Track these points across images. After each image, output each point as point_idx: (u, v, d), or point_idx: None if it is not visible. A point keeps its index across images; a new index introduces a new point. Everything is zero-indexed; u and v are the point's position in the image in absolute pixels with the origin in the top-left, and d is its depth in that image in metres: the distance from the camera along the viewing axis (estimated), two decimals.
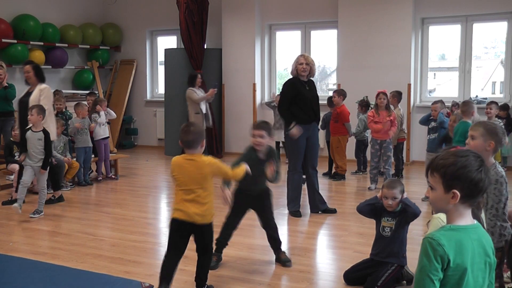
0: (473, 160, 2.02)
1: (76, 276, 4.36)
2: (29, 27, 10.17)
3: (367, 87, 8.97)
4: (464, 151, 2.08)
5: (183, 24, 10.31)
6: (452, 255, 1.95)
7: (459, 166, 2.01)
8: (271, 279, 4.33)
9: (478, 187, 2.02)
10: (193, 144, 3.68)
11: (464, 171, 2.00)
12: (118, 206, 6.89)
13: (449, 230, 2.03)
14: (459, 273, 1.98)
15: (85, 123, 8.00)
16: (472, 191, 2.02)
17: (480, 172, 2.01)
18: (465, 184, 2.00)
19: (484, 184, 2.03)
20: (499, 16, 9.05)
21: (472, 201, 2.05)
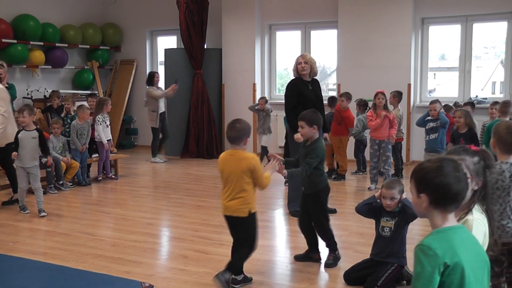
0: (446, 166, 2.04)
1: (76, 276, 4.36)
2: (29, 27, 10.16)
3: (367, 87, 8.97)
4: (443, 157, 2.11)
5: (183, 24, 10.31)
6: (446, 256, 1.94)
7: (427, 171, 2.05)
8: (271, 279, 4.33)
9: (446, 192, 2.02)
10: (236, 140, 3.91)
11: (430, 175, 2.03)
12: (118, 206, 6.89)
13: (436, 233, 2.04)
14: (458, 273, 1.96)
15: (86, 127, 7.99)
16: (441, 196, 2.03)
17: (447, 177, 2.02)
18: (431, 188, 2.03)
19: (455, 189, 2.02)
20: (499, 16, 9.04)
21: (445, 206, 2.05)
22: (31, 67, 10.48)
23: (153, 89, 9.82)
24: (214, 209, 6.60)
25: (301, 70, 6.04)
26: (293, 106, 6.04)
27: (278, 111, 10.41)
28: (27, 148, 6.17)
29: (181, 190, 7.72)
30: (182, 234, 5.55)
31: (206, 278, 4.28)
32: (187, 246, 5.11)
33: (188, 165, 9.70)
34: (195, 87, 10.48)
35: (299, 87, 6.07)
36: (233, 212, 3.95)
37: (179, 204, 6.94)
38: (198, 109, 10.47)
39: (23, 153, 6.19)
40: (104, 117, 8.26)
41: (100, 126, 8.16)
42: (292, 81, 6.23)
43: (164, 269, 4.59)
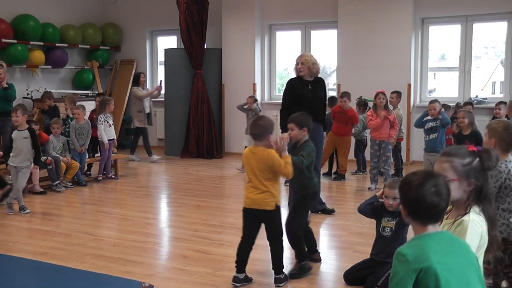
0: (421, 179, 2.13)
1: (76, 276, 4.36)
2: (29, 27, 10.16)
3: (367, 87, 8.96)
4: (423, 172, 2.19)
5: (183, 24, 10.31)
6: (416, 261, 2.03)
7: (405, 184, 2.17)
8: (271, 279, 4.32)
9: (420, 206, 2.11)
10: (258, 137, 4.00)
11: (407, 188, 2.15)
12: (118, 206, 6.89)
13: (412, 240, 2.17)
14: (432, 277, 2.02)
15: (85, 127, 7.98)
16: (413, 209, 2.14)
17: (422, 191, 2.10)
18: (407, 201, 2.15)
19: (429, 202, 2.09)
20: (499, 16, 9.04)
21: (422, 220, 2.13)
22: (31, 67, 10.48)
23: (138, 89, 9.89)
24: (214, 209, 6.61)
25: (298, 71, 6.05)
26: (287, 106, 6.02)
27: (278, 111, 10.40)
28: (19, 148, 6.23)
29: (181, 190, 7.72)
30: (182, 234, 5.55)
31: (206, 278, 4.29)
32: (187, 246, 5.11)
33: (188, 165, 9.70)
34: (195, 87, 10.48)
35: (296, 87, 6.05)
36: (260, 205, 4.02)
37: (179, 204, 6.94)
38: (198, 109, 10.47)
39: (15, 153, 6.26)
40: (107, 117, 8.26)
41: (102, 126, 8.16)
42: (289, 81, 6.24)
43: (164, 269, 4.59)
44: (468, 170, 2.51)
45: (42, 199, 7.08)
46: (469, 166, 2.52)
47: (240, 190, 7.34)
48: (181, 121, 10.64)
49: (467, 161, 2.52)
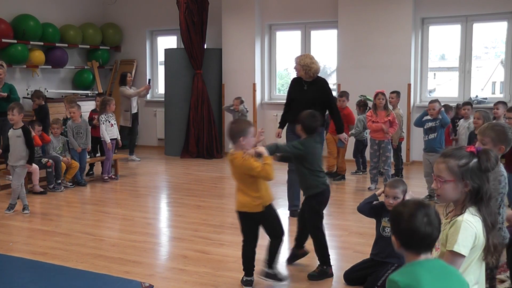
0: (412, 210, 2.15)
1: (76, 276, 4.36)
2: (29, 27, 10.16)
3: (367, 87, 8.97)
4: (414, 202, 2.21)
5: (183, 24, 10.31)
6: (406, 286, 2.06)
7: (396, 215, 2.20)
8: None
9: (410, 236, 2.14)
10: (231, 139, 4.02)
11: (397, 219, 2.18)
12: (118, 206, 6.89)
13: (404, 268, 2.19)
14: None
15: (83, 126, 7.98)
16: (406, 239, 2.16)
17: (415, 222, 2.13)
18: (398, 232, 2.18)
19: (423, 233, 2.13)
20: (499, 16, 9.04)
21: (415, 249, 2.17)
22: (31, 67, 10.48)
23: (126, 88, 9.89)
24: (214, 209, 6.61)
25: (295, 71, 6.14)
26: (286, 103, 6.23)
27: (278, 111, 10.41)
28: (13, 147, 6.26)
29: (181, 190, 7.72)
30: (182, 234, 5.55)
31: (206, 278, 4.29)
32: (187, 246, 5.11)
33: (188, 165, 9.70)
34: (195, 87, 10.48)
35: (292, 86, 6.20)
36: (249, 208, 4.00)
37: (179, 204, 6.94)
38: (198, 109, 10.47)
39: (11, 151, 6.31)
40: (108, 117, 8.26)
41: (103, 126, 8.16)
42: (292, 79, 6.38)
43: (164, 269, 4.59)
44: (463, 171, 2.50)
45: (42, 199, 7.08)
46: (465, 167, 2.51)
47: None
48: (181, 121, 10.64)
49: (463, 162, 2.51)
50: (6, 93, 8.05)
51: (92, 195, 7.60)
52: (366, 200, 4.19)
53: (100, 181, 8.29)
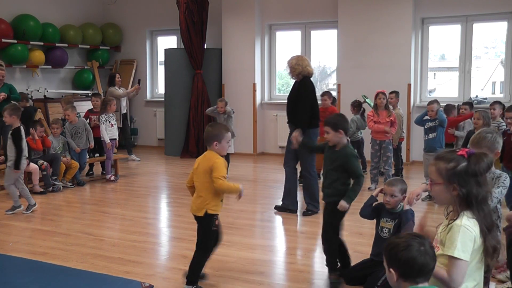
0: (411, 242, 2.19)
1: (76, 276, 4.35)
2: (29, 27, 10.16)
3: (367, 87, 8.97)
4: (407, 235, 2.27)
5: (183, 24, 10.31)
6: None
7: (392, 247, 2.23)
8: (271, 279, 4.33)
9: (410, 266, 2.17)
10: (206, 141, 4.05)
11: (394, 251, 2.20)
12: (118, 206, 6.89)
13: None
14: None
15: (80, 126, 7.98)
16: (405, 269, 2.18)
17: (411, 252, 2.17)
18: (396, 263, 2.20)
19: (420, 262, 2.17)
20: (499, 16, 9.04)
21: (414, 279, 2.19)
22: (31, 67, 10.48)
23: (115, 88, 9.88)
24: None
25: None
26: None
27: (278, 111, 10.43)
28: (8, 148, 6.25)
29: (181, 190, 7.71)
30: (182, 234, 5.55)
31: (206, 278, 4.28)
32: (187, 246, 5.10)
33: (188, 165, 9.69)
34: (195, 87, 10.48)
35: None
36: (194, 211, 4.01)
37: (179, 204, 6.94)
38: (198, 109, 10.47)
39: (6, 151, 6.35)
40: (109, 117, 8.26)
41: (103, 126, 8.16)
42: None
43: (164, 269, 4.59)
44: (451, 175, 2.51)
45: (42, 199, 7.08)
46: (452, 171, 2.51)
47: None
48: (181, 121, 10.64)
49: (451, 166, 2.52)
50: (6, 94, 8.05)
51: (92, 195, 7.60)
52: (365, 204, 4.18)
53: (100, 181, 8.29)
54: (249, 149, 10.49)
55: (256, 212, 6.45)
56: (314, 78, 11.00)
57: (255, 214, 6.38)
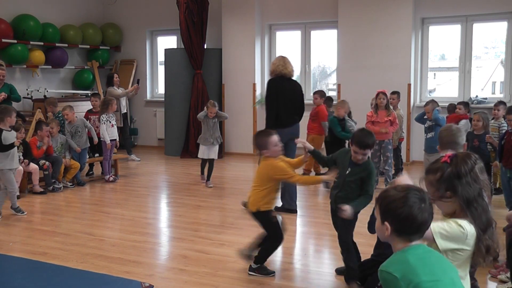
0: (411, 196, 2.09)
1: (76, 276, 4.35)
2: (29, 27, 10.16)
3: (367, 87, 8.98)
4: (406, 187, 2.15)
5: (183, 24, 10.31)
6: (403, 277, 2.01)
7: (391, 200, 2.11)
8: (271, 279, 4.32)
9: (409, 223, 2.08)
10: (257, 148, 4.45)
11: (393, 205, 2.10)
12: (118, 206, 6.89)
13: (395, 256, 2.13)
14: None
15: (80, 125, 7.99)
16: (403, 226, 2.09)
17: (412, 208, 2.07)
18: (394, 218, 2.10)
19: (419, 220, 2.08)
20: (499, 16, 9.04)
21: (409, 235, 2.11)
22: (31, 67, 10.48)
23: (114, 88, 9.86)
24: (214, 209, 6.60)
25: None
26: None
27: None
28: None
29: (181, 190, 7.71)
30: (182, 234, 5.55)
31: (206, 278, 4.29)
32: (187, 246, 5.11)
33: (188, 165, 9.69)
34: (195, 87, 10.48)
35: None
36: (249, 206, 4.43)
37: (179, 204, 6.94)
38: (198, 109, 10.43)
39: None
40: (109, 117, 8.25)
41: (104, 126, 8.15)
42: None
43: (164, 269, 4.58)
44: (440, 185, 2.53)
45: (42, 199, 7.08)
46: (440, 180, 2.53)
47: (240, 190, 7.34)
48: (181, 121, 10.64)
49: (438, 176, 2.54)
50: (6, 94, 8.05)
51: (92, 195, 7.60)
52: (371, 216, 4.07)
53: (100, 181, 8.29)
54: (249, 149, 10.48)
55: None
56: (314, 78, 11.09)
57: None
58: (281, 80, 6.15)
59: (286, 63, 6.19)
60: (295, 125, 6.21)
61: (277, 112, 6.05)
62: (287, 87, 6.16)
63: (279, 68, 6.14)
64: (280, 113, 6.07)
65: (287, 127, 6.03)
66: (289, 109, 6.14)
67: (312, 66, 10.68)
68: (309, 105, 8.27)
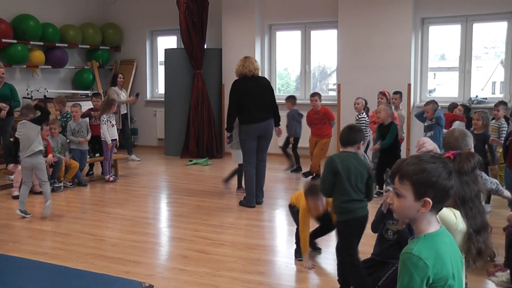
0: (442, 167, 1.94)
1: (76, 276, 4.35)
2: (29, 27, 10.16)
3: (367, 87, 8.97)
4: (431, 157, 1.98)
5: (183, 24, 10.31)
6: (435, 266, 1.87)
7: (432, 174, 1.91)
8: (271, 279, 4.33)
9: (448, 194, 1.95)
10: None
11: (437, 179, 1.91)
12: (118, 206, 6.88)
13: (425, 240, 1.94)
14: (442, 283, 1.89)
15: (83, 125, 8.00)
16: (443, 198, 1.95)
17: (450, 179, 1.94)
18: (438, 192, 1.92)
19: (453, 190, 1.97)
20: (499, 16, 9.04)
21: (439, 208, 1.99)
22: (31, 67, 10.48)
23: (115, 91, 9.82)
24: (214, 209, 6.60)
25: None
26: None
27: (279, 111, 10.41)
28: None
29: (181, 190, 7.71)
30: (182, 234, 5.55)
31: (206, 278, 4.29)
32: (187, 246, 5.11)
33: (188, 165, 9.69)
34: (195, 87, 10.48)
35: None
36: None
37: (179, 204, 6.94)
38: (198, 109, 10.47)
39: None
40: (109, 117, 8.26)
41: (104, 126, 8.16)
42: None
43: (164, 269, 4.58)
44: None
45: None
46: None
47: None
48: (181, 121, 10.64)
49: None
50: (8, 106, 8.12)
51: (92, 195, 7.60)
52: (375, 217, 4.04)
53: (100, 181, 8.29)
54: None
55: (256, 212, 6.44)
56: (314, 78, 11.09)
57: (255, 214, 6.37)
58: (244, 80, 6.51)
59: (245, 63, 6.53)
60: (266, 121, 6.48)
61: (246, 109, 6.40)
62: (251, 86, 6.49)
63: (239, 69, 6.53)
64: (249, 110, 6.39)
65: (256, 123, 6.39)
66: (258, 106, 6.44)
67: (312, 66, 10.67)
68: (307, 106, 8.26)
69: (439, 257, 1.89)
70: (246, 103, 6.40)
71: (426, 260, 1.86)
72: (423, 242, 1.93)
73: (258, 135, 6.44)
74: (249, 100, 6.41)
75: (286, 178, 8.46)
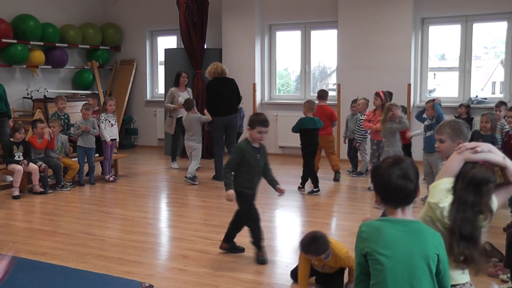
0: (388, 164, 2.22)
1: (76, 276, 4.36)
2: (29, 27, 10.16)
3: (367, 87, 8.97)
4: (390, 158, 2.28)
5: (183, 24, 10.31)
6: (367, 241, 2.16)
7: (373, 169, 2.31)
8: (270, 279, 4.33)
9: (387, 189, 2.20)
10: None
11: (374, 174, 2.28)
12: (118, 206, 6.89)
13: (376, 220, 2.29)
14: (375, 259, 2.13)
15: (90, 124, 8.00)
16: (383, 192, 2.23)
17: (386, 175, 2.19)
18: (376, 186, 2.28)
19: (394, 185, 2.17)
20: (499, 16, 9.04)
21: (388, 203, 2.23)
22: (31, 67, 10.48)
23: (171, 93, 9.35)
24: (214, 209, 6.60)
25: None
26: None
27: (278, 111, 10.44)
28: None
29: (181, 190, 7.72)
30: (182, 234, 5.55)
31: (206, 278, 4.29)
32: (187, 246, 5.12)
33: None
34: (195, 87, 10.47)
35: None
36: None
37: (179, 204, 6.94)
38: (198, 109, 10.39)
39: None
40: (108, 116, 8.24)
41: (102, 125, 8.15)
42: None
43: (164, 269, 4.59)
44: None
45: (42, 199, 7.09)
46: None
47: None
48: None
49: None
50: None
51: (92, 195, 7.60)
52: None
53: (100, 181, 8.29)
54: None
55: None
56: (314, 78, 11.10)
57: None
58: (215, 81, 8.10)
59: (212, 68, 8.08)
60: (234, 114, 8.20)
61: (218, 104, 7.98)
62: (221, 85, 8.08)
63: (211, 72, 8.10)
64: (221, 105, 8.00)
65: (227, 115, 8.04)
66: (227, 101, 8.05)
67: (312, 66, 10.68)
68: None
69: (376, 234, 2.16)
70: (219, 99, 8.00)
71: (364, 233, 2.20)
72: (373, 221, 2.27)
73: (227, 124, 8.07)
74: (221, 97, 7.99)
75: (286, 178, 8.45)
